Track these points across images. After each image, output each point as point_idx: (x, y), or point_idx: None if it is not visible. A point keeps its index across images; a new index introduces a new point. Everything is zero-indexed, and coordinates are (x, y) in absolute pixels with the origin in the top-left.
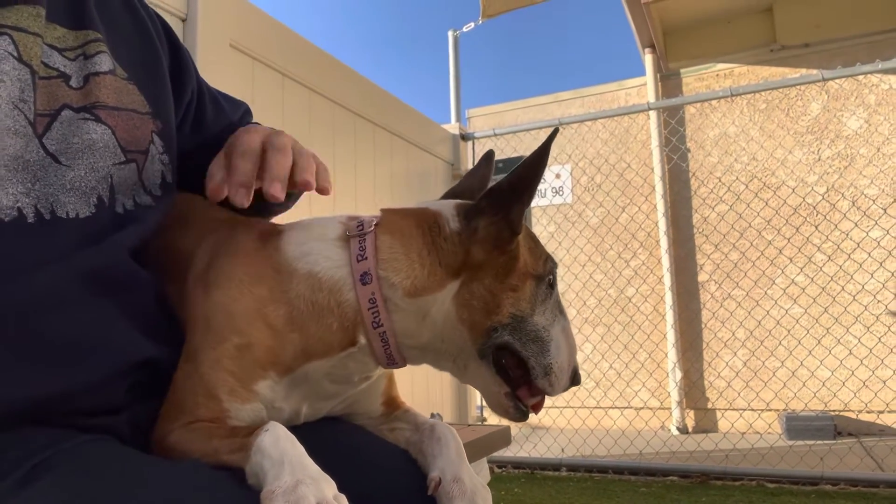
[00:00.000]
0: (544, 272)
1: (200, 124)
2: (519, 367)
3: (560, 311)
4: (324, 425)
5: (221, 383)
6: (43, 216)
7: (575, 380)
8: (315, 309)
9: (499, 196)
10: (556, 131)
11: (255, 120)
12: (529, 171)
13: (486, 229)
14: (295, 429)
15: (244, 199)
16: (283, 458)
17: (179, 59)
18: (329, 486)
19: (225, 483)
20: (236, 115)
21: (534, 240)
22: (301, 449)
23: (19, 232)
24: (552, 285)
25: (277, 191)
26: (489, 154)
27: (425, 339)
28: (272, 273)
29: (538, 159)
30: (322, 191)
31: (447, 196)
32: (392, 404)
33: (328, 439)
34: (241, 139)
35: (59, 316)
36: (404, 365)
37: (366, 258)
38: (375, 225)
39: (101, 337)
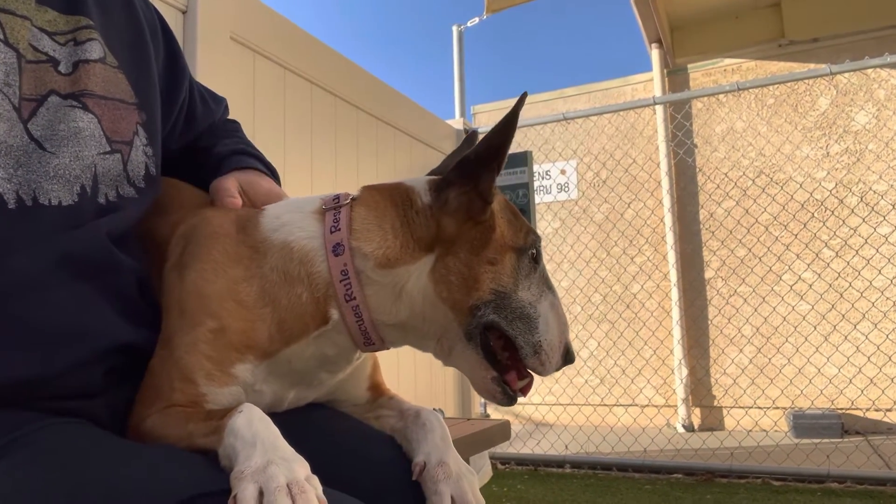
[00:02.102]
0: (525, 245)
1: (191, 122)
2: (506, 350)
3: (548, 286)
4: (308, 412)
5: (198, 367)
6: (24, 202)
7: (568, 358)
8: (286, 279)
9: (467, 166)
10: (524, 96)
11: (255, 114)
12: (497, 139)
13: (456, 200)
14: (279, 415)
15: None
16: (255, 439)
17: (176, 59)
18: (301, 467)
19: (191, 464)
20: (219, 112)
21: (513, 212)
22: (275, 430)
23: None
24: (537, 259)
25: None
26: (471, 135)
27: (404, 317)
28: (249, 252)
29: (506, 127)
30: None
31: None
32: (377, 391)
33: (313, 426)
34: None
35: (36, 299)
36: (384, 347)
37: (339, 229)
38: (352, 199)
39: (79, 321)
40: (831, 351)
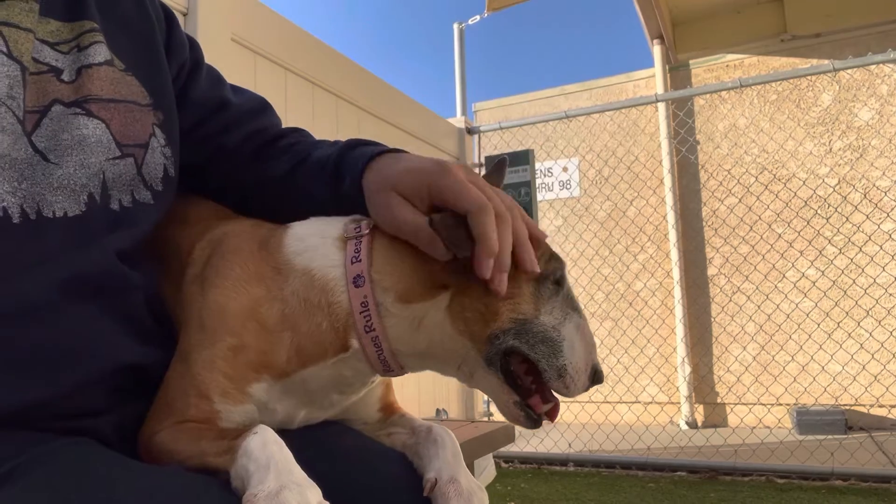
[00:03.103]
0: (545, 272)
1: (184, 98)
2: (530, 374)
3: (572, 307)
4: (318, 428)
5: (214, 384)
6: (28, 216)
7: (596, 378)
8: (307, 307)
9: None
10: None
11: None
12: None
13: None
14: (289, 430)
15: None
16: (269, 462)
17: (171, 37)
18: (314, 493)
19: (201, 486)
20: (244, 104)
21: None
22: (289, 454)
23: (4, 233)
24: (559, 283)
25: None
26: (500, 163)
27: (423, 347)
28: (271, 272)
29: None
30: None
31: None
32: (388, 410)
33: (321, 442)
34: (462, 189)
35: (41, 321)
36: (402, 373)
37: (360, 260)
38: (373, 228)
39: (84, 342)
40: (835, 348)
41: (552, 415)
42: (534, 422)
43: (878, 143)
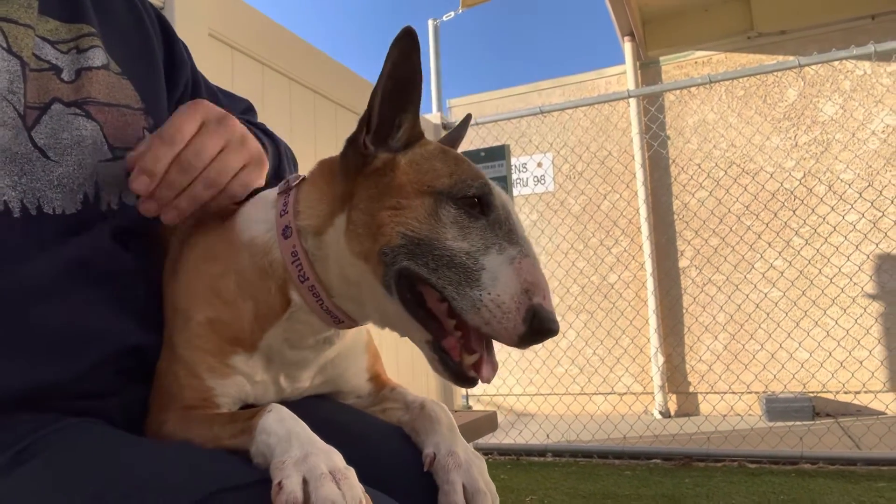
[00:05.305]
0: (449, 190)
1: None
2: (454, 317)
3: (509, 240)
4: (318, 405)
5: (199, 361)
6: (29, 211)
7: (536, 323)
8: (258, 273)
9: (358, 123)
10: (404, 35)
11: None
12: (372, 94)
13: (349, 157)
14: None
15: (175, 218)
16: (289, 434)
17: (173, 52)
18: (338, 458)
19: (208, 458)
20: (234, 110)
21: (445, 159)
22: (306, 426)
23: (4, 225)
24: (484, 210)
25: (173, 217)
26: (467, 117)
27: (337, 283)
28: (226, 248)
29: (378, 80)
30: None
31: None
32: (378, 382)
33: (324, 419)
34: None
35: (45, 307)
36: (354, 323)
37: (287, 212)
38: (302, 179)
39: (88, 326)
40: (802, 336)
41: (479, 369)
42: (453, 372)
43: (842, 136)
